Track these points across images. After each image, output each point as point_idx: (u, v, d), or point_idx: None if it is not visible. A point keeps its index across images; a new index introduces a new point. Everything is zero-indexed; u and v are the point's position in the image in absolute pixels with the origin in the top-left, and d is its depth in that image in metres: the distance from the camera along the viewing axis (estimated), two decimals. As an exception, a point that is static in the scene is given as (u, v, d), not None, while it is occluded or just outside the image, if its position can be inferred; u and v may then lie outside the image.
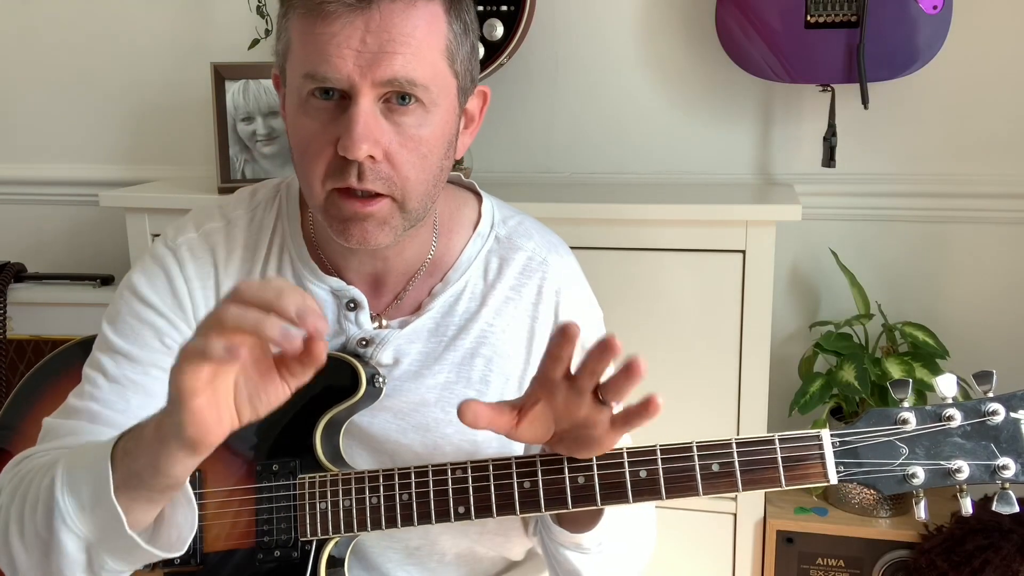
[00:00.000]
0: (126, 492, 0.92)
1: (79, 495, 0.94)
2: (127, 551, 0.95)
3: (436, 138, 1.04)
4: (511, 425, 0.97)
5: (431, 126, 1.03)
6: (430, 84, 1.01)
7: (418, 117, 1.02)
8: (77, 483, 0.95)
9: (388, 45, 0.98)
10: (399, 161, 1.02)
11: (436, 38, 1.01)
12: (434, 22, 1.01)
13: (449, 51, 1.03)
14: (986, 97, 1.89)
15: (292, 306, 0.82)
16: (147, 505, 0.94)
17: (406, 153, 1.02)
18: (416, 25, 0.99)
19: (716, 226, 1.71)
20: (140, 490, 0.92)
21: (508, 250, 1.19)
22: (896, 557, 1.76)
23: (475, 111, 1.14)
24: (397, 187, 1.03)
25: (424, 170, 1.04)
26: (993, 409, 0.94)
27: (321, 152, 1.02)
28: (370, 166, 1.01)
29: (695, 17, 1.96)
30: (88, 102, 2.31)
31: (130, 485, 0.92)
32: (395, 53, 0.98)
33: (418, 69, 0.99)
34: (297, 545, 1.10)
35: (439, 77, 1.02)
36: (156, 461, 0.89)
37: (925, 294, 1.98)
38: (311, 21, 0.99)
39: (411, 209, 1.05)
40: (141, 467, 0.91)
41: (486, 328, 1.16)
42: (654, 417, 0.92)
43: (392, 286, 1.18)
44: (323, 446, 1.11)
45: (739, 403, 1.75)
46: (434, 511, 1.04)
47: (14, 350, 2.13)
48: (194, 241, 1.18)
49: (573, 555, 1.08)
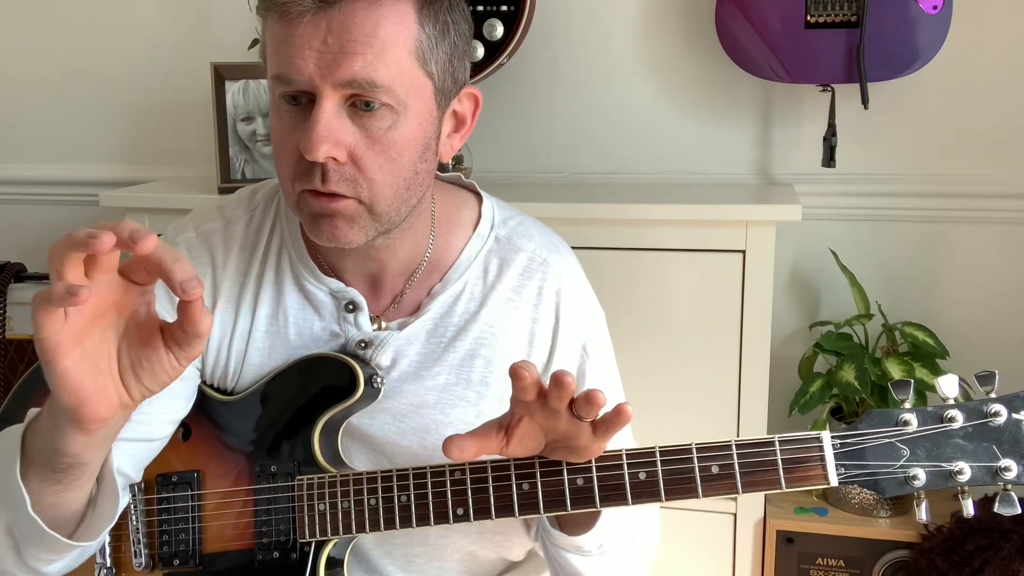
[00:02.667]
0: (34, 472, 0.91)
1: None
2: (37, 537, 0.93)
3: (407, 140, 1.02)
4: (500, 445, 0.97)
5: (401, 128, 1.01)
6: (395, 86, 0.99)
7: (386, 119, 1.00)
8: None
9: (348, 45, 0.96)
10: (365, 163, 1.01)
11: (403, 38, 0.99)
12: (401, 22, 0.99)
13: (419, 52, 1.01)
14: (986, 97, 1.89)
15: (127, 229, 0.76)
16: (55, 487, 0.91)
17: (372, 155, 1.01)
18: (378, 24, 0.97)
19: (716, 226, 1.71)
20: (45, 471, 0.90)
21: (508, 251, 1.19)
22: (896, 557, 1.76)
23: (466, 114, 1.12)
24: (363, 188, 1.01)
25: (392, 172, 1.02)
26: (995, 410, 0.94)
27: (290, 154, 1.02)
28: (334, 168, 1.00)
29: (695, 17, 1.96)
30: (88, 102, 2.30)
31: (36, 464, 0.90)
32: (355, 54, 0.96)
33: (380, 70, 0.97)
34: (296, 546, 1.10)
35: (406, 78, 1.00)
36: (52, 439, 0.87)
37: (925, 294, 1.98)
38: (277, 22, 0.99)
39: (380, 212, 1.04)
40: (43, 446, 0.89)
41: (485, 329, 1.16)
42: (626, 424, 0.93)
43: (390, 287, 1.18)
44: (322, 447, 1.11)
45: (739, 403, 1.75)
46: (433, 513, 1.04)
47: (14, 350, 2.13)
48: (192, 241, 1.18)
49: (574, 558, 1.08)
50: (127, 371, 0.84)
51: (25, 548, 0.95)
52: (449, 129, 1.11)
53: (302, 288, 1.16)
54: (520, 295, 1.17)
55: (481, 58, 1.85)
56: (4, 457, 0.93)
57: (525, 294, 1.17)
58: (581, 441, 0.96)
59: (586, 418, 0.93)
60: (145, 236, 0.76)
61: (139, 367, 0.85)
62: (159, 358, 0.85)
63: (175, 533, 1.13)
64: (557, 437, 0.97)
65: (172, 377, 0.86)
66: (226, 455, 1.13)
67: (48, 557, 0.97)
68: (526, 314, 1.17)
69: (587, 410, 0.92)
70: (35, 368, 1.30)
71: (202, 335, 0.83)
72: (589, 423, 0.95)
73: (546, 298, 1.18)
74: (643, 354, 1.76)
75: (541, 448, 1.00)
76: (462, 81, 1.08)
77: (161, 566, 1.14)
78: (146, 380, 0.85)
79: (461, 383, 1.16)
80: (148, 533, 1.14)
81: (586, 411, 0.92)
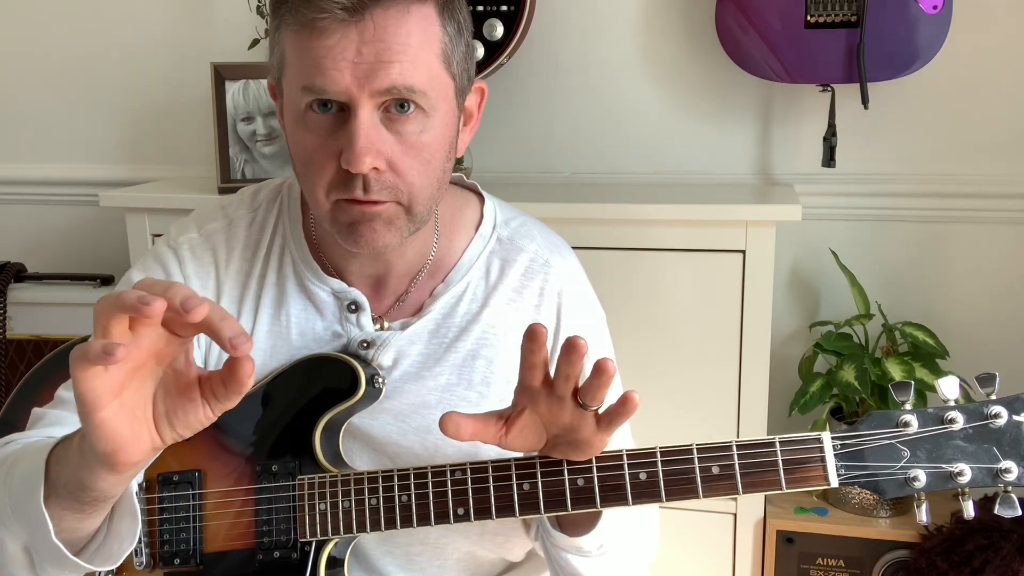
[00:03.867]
0: (56, 500, 0.89)
1: (14, 498, 0.92)
2: (58, 560, 0.92)
3: (438, 142, 1.04)
4: (499, 435, 0.98)
5: (432, 130, 1.03)
6: (428, 89, 1.00)
7: (419, 123, 1.01)
8: (14, 486, 0.93)
9: (384, 54, 0.97)
10: (403, 168, 1.01)
11: (431, 42, 1.00)
12: (428, 27, 1.00)
13: (445, 54, 1.02)
14: (986, 97, 1.89)
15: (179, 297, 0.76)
16: (77, 515, 0.90)
17: (409, 160, 1.02)
18: (411, 31, 0.98)
19: (716, 226, 1.71)
20: (68, 500, 0.89)
21: (510, 251, 1.19)
22: (896, 557, 1.76)
23: (473, 108, 1.13)
24: (403, 194, 1.02)
25: (428, 175, 1.04)
26: (995, 412, 0.94)
27: (324, 166, 1.01)
28: (375, 177, 1.00)
29: (695, 17, 1.96)
30: (88, 102, 2.31)
31: (59, 494, 0.89)
32: (392, 62, 0.97)
33: (415, 76, 0.99)
34: (297, 546, 1.10)
35: (436, 81, 1.02)
36: (79, 474, 0.86)
37: (925, 294, 1.98)
38: (304, 35, 0.98)
39: (417, 212, 1.05)
40: (68, 478, 0.88)
41: (487, 330, 1.16)
42: (633, 413, 0.93)
43: (394, 287, 1.18)
44: (323, 447, 1.11)
45: (739, 403, 1.75)
46: (433, 512, 1.04)
47: (14, 350, 2.13)
48: (195, 241, 1.19)
49: (574, 558, 1.08)
50: (161, 417, 0.84)
51: (42, 567, 0.95)
52: (461, 124, 1.12)
53: (304, 288, 1.17)
54: (522, 296, 1.18)
55: (481, 58, 1.85)
56: (26, 480, 0.91)
57: (527, 295, 1.18)
58: (584, 434, 0.96)
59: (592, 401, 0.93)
60: (197, 305, 0.76)
61: (174, 415, 0.84)
62: (195, 408, 0.84)
63: (176, 532, 1.13)
64: (559, 431, 0.97)
65: (204, 425, 0.85)
66: (227, 455, 1.13)
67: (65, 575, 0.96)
68: (527, 315, 1.17)
69: (595, 389, 0.92)
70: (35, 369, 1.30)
71: (243, 391, 0.82)
72: (593, 414, 0.95)
73: (547, 299, 1.18)
74: (643, 354, 1.77)
75: (541, 445, 1.00)
76: (473, 77, 1.10)
77: (162, 565, 1.14)
78: (179, 428, 0.84)
79: (463, 383, 1.16)
80: (149, 532, 1.14)
81: (593, 391, 0.92)
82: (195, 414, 0.84)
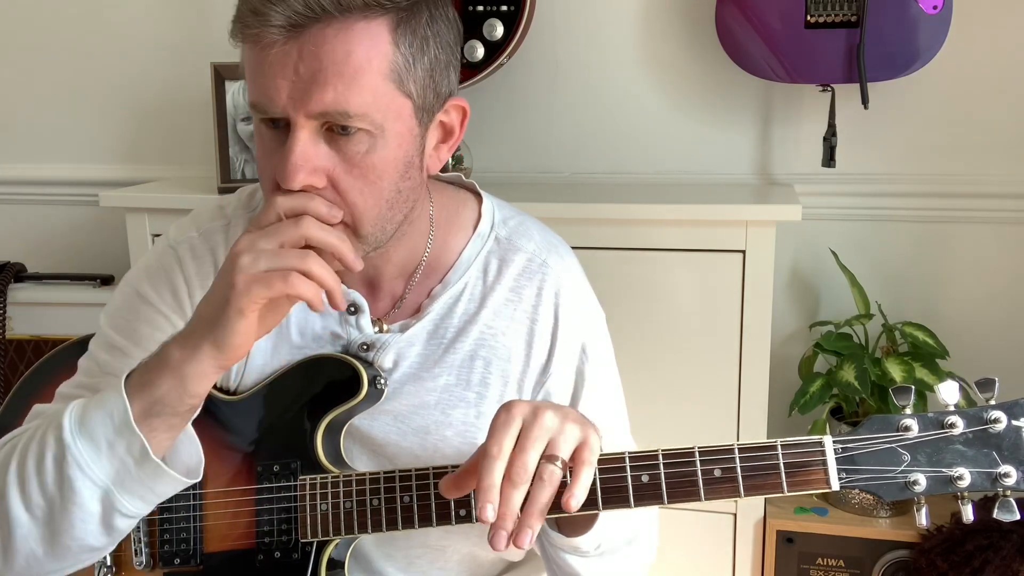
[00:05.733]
0: (146, 422, 0.96)
1: (94, 438, 0.97)
2: (150, 482, 0.98)
3: (386, 162, 1.00)
4: None
5: (380, 151, 0.99)
6: (370, 111, 0.97)
7: (363, 143, 0.98)
8: (91, 426, 0.97)
9: (319, 75, 0.94)
10: (344, 188, 0.99)
11: (377, 61, 0.96)
12: (374, 44, 0.95)
13: (395, 73, 0.98)
14: (986, 97, 1.89)
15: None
16: (166, 434, 0.98)
17: (351, 180, 0.99)
18: (350, 51, 0.94)
19: (716, 226, 1.71)
20: (162, 416, 0.96)
21: (508, 251, 1.19)
22: (896, 557, 1.76)
23: (454, 125, 1.09)
24: (345, 213, 1.00)
25: (373, 195, 1.01)
26: (995, 417, 0.94)
27: (270, 177, 1.01)
28: (314, 194, 0.98)
29: (695, 17, 1.96)
30: (88, 102, 2.30)
31: (151, 413, 0.96)
32: (326, 84, 0.94)
33: (352, 99, 0.95)
34: (297, 546, 1.10)
35: (382, 102, 0.97)
36: (184, 380, 0.95)
37: (925, 294, 1.98)
38: (249, 49, 0.98)
39: (366, 233, 1.03)
40: (165, 391, 0.95)
41: (485, 330, 1.16)
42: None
43: (388, 289, 1.17)
44: (324, 448, 1.11)
45: (739, 403, 1.76)
46: (435, 513, 1.04)
47: (14, 350, 2.13)
48: (195, 241, 1.18)
49: (572, 558, 1.08)
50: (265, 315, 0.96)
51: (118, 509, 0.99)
52: (436, 141, 1.08)
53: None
54: (520, 296, 1.17)
55: (481, 58, 1.85)
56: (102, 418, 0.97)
57: (525, 295, 1.17)
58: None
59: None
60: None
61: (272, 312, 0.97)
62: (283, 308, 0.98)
63: (176, 532, 1.13)
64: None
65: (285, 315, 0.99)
66: (228, 454, 1.13)
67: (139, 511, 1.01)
68: (526, 315, 1.17)
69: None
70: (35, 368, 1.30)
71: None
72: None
73: (545, 299, 1.17)
74: (643, 354, 1.77)
75: None
76: (446, 93, 1.05)
77: (162, 565, 1.14)
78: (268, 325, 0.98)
79: (461, 384, 1.16)
80: (149, 532, 1.14)
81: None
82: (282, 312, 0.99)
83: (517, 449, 0.92)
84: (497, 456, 0.92)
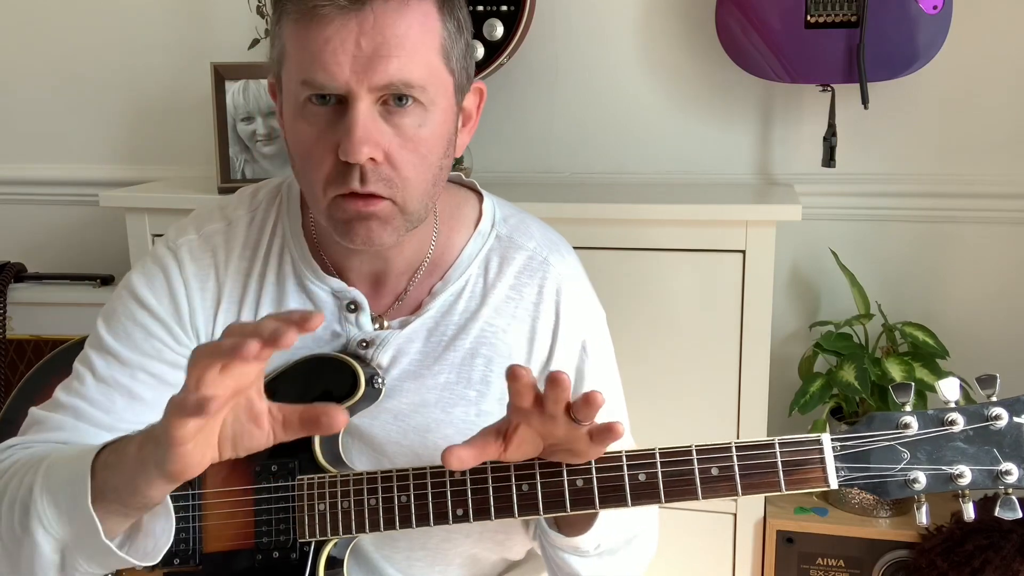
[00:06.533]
0: (102, 503, 0.93)
1: (56, 500, 0.95)
2: (102, 556, 0.96)
3: (435, 137, 1.04)
4: (499, 452, 0.98)
5: (430, 125, 1.03)
6: (427, 84, 1.00)
7: (417, 117, 1.01)
8: (56, 488, 0.96)
9: (383, 48, 0.97)
10: (400, 162, 1.01)
11: (431, 37, 1.01)
12: (428, 21, 1.00)
13: (444, 49, 1.02)
14: (986, 97, 1.89)
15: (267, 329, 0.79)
16: (122, 518, 0.95)
17: (406, 154, 1.02)
18: (410, 25, 0.98)
19: (716, 226, 1.71)
20: (116, 504, 0.93)
21: (509, 249, 1.19)
22: (896, 557, 1.76)
23: (472, 108, 1.13)
24: (398, 188, 1.02)
25: (424, 170, 1.04)
26: (996, 414, 0.94)
27: (323, 158, 1.01)
28: (371, 168, 1.00)
29: (695, 17, 1.96)
30: (88, 102, 2.30)
31: (107, 498, 0.93)
32: (390, 56, 0.97)
33: (414, 71, 0.99)
34: (296, 546, 1.10)
35: (435, 76, 1.02)
36: (134, 482, 0.91)
37: (925, 294, 1.98)
38: (304, 26, 0.98)
39: (412, 210, 1.05)
40: (119, 483, 0.92)
41: (486, 328, 1.16)
42: (619, 438, 0.93)
43: (392, 286, 1.18)
44: (322, 447, 1.11)
45: (739, 403, 1.75)
46: (432, 513, 1.04)
47: (14, 350, 2.13)
48: (194, 242, 1.18)
49: (571, 558, 1.08)
50: (227, 439, 0.88)
51: (74, 565, 0.97)
52: (459, 124, 1.11)
53: (304, 288, 1.16)
54: (520, 294, 1.17)
55: (481, 58, 1.85)
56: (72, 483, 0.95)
57: (525, 293, 1.17)
58: (579, 444, 0.96)
59: (584, 421, 0.93)
60: (284, 334, 0.79)
61: (239, 439, 0.89)
62: (260, 435, 0.89)
63: (175, 532, 1.13)
64: (555, 442, 0.97)
65: (263, 448, 0.90)
66: (227, 455, 1.13)
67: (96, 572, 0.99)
68: (527, 312, 1.17)
69: (585, 412, 0.92)
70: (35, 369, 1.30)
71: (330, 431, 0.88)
72: (586, 430, 0.94)
73: (546, 297, 1.18)
74: (643, 354, 1.76)
75: (539, 452, 1.00)
76: (472, 76, 1.10)
77: (161, 565, 1.13)
78: (240, 450, 0.89)
79: (462, 382, 1.16)
80: (148, 533, 1.14)
81: (584, 413, 0.92)
82: (259, 440, 0.89)
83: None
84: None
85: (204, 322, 1.16)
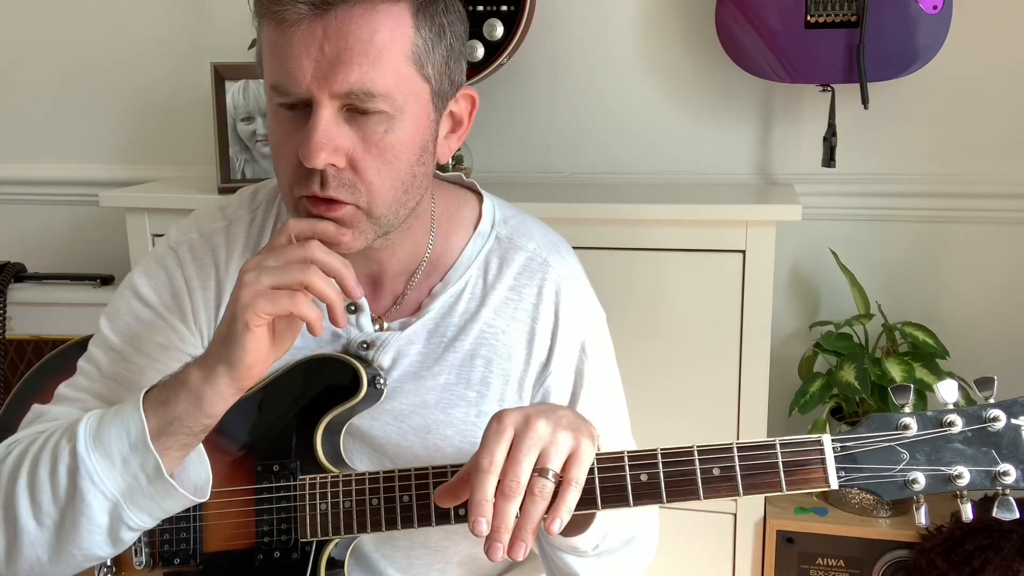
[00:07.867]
0: (160, 440, 0.98)
1: (109, 451, 0.98)
2: (159, 498, 1.00)
3: (404, 144, 1.02)
4: None
5: (398, 132, 1.01)
6: (392, 92, 0.98)
7: (382, 124, 1.00)
8: (105, 440, 0.99)
9: (345, 54, 0.96)
10: (363, 168, 1.00)
11: (400, 43, 0.98)
12: (398, 27, 0.98)
13: (416, 56, 1.00)
14: (986, 97, 1.89)
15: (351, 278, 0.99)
16: (178, 452, 1.00)
17: (370, 159, 1.00)
18: (375, 30, 0.96)
19: (716, 226, 1.71)
20: (177, 435, 0.98)
21: (508, 250, 1.19)
22: (896, 557, 1.76)
23: (463, 115, 1.11)
24: (362, 193, 1.01)
25: (391, 176, 1.02)
26: (994, 415, 0.94)
27: (289, 159, 1.01)
28: (333, 174, 0.99)
29: (695, 17, 1.96)
30: (88, 102, 2.31)
31: (166, 432, 0.98)
32: (351, 63, 0.96)
33: (377, 79, 0.97)
34: (297, 546, 1.10)
35: (404, 83, 1.00)
36: (200, 401, 0.97)
37: (925, 294, 1.98)
38: (273, 31, 0.98)
39: (379, 215, 1.04)
40: (182, 411, 0.97)
41: (485, 329, 1.16)
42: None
43: (390, 287, 1.18)
44: (324, 447, 1.11)
45: (739, 403, 1.76)
46: (434, 513, 1.04)
47: (14, 350, 2.13)
48: (195, 242, 1.19)
49: (570, 558, 1.08)
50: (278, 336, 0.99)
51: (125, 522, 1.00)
52: (446, 130, 1.10)
53: (304, 288, 1.17)
54: (520, 294, 1.17)
55: (481, 58, 1.85)
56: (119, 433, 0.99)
57: (525, 294, 1.17)
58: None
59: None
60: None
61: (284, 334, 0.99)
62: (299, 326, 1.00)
63: (176, 532, 1.14)
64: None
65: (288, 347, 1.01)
66: (228, 454, 1.13)
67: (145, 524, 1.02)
68: (526, 313, 1.17)
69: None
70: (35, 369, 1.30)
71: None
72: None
73: (546, 298, 1.18)
74: (643, 354, 1.77)
75: None
76: (459, 82, 1.08)
77: (162, 565, 1.14)
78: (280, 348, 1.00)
79: (462, 383, 1.16)
80: (149, 532, 1.14)
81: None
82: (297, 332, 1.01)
83: (509, 461, 0.92)
84: (489, 469, 0.91)
85: (207, 320, 1.16)
